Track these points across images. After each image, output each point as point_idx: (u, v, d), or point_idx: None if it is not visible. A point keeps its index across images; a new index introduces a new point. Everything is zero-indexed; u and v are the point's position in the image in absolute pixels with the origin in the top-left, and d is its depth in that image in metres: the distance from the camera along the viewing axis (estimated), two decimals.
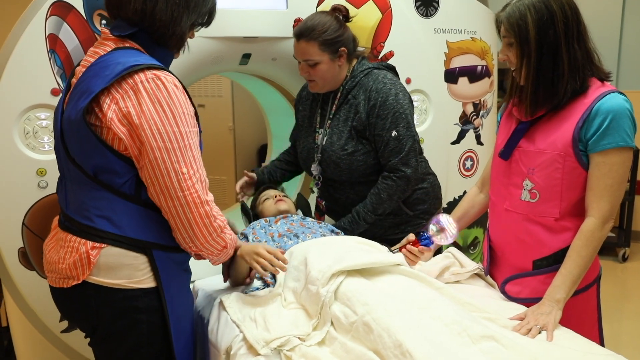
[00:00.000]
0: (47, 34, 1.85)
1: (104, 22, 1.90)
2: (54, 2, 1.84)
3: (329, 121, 2.02)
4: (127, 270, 1.37)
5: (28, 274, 1.95)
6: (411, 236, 1.72)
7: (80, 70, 1.40)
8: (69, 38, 1.87)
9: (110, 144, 1.32)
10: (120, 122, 1.30)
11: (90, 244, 1.35)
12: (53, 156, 1.90)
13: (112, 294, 1.37)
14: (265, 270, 1.57)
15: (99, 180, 1.35)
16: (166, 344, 1.45)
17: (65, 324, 1.53)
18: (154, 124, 1.29)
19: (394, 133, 1.90)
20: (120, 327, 1.40)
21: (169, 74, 1.34)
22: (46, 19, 1.84)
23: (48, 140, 1.90)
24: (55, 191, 1.88)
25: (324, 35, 1.87)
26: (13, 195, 1.88)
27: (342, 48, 1.92)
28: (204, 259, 1.49)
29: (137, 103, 1.29)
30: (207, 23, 1.52)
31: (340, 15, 1.95)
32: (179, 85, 1.35)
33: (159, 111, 1.29)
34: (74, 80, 1.41)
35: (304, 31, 1.89)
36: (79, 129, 1.32)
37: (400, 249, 1.71)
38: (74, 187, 1.40)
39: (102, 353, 1.48)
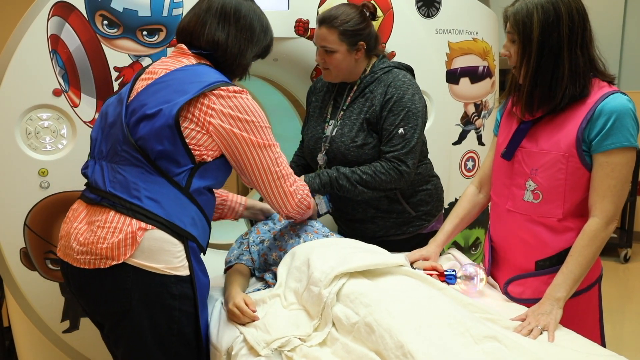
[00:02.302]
0: (49, 35, 1.85)
1: (105, 22, 1.90)
2: (55, 3, 1.85)
3: (342, 112, 2.02)
4: (165, 255, 1.42)
5: (30, 274, 1.95)
6: (440, 267, 1.74)
7: (157, 71, 1.51)
8: (70, 39, 1.88)
9: (185, 135, 1.43)
10: (205, 114, 1.44)
11: (136, 225, 1.40)
12: (55, 157, 1.92)
13: (149, 278, 1.42)
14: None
15: (157, 165, 1.43)
16: (194, 334, 1.50)
17: (67, 324, 1.52)
18: (240, 122, 1.48)
19: (400, 130, 1.90)
20: (154, 311, 1.43)
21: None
22: (48, 19, 1.84)
23: (50, 140, 1.90)
24: (57, 191, 1.91)
25: (345, 25, 1.89)
26: (15, 195, 1.88)
27: (362, 42, 1.93)
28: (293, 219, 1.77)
29: (225, 104, 1.46)
30: (264, 56, 1.70)
31: (368, 11, 1.97)
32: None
33: (241, 111, 1.49)
34: (149, 76, 1.51)
35: (326, 18, 1.92)
36: (160, 118, 1.41)
37: (420, 267, 1.72)
38: (124, 168, 1.45)
39: (130, 340, 1.47)
